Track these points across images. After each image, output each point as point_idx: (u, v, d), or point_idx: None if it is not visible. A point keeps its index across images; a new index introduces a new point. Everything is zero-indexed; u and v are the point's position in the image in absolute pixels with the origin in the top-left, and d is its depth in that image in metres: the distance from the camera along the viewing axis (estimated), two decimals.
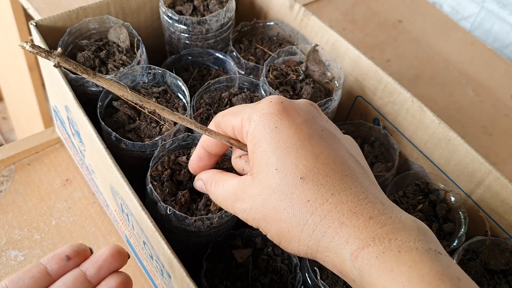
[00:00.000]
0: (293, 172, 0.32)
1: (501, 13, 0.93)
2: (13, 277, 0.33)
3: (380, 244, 0.28)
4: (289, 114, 0.34)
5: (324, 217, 0.31)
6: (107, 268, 0.35)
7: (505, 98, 0.84)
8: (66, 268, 0.34)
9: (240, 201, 0.35)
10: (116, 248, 0.35)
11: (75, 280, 0.33)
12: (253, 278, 0.47)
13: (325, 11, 0.95)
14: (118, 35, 0.59)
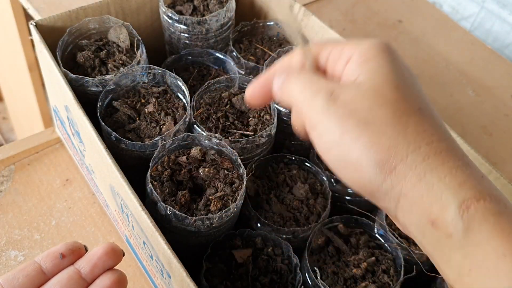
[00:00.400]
0: (413, 99, 0.29)
1: (501, 13, 0.93)
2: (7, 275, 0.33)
3: (497, 204, 0.26)
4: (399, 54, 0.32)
5: (439, 152, 0.27)
6: (102, 266, 0.34)
7: (505, 98, 0.84)
8: (60, 266, 0.34)
9: (331, 94, 0.29)
10: (111, 246, 0.35)
11: (70, 278, 0.33)
12: (253, 278, 0.47)
13: (325, 11, 0.95)
14: (118, 35, 0.59)
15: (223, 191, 0.47)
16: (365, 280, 0.47)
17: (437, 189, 0.26)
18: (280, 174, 0.54)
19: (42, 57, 0.55)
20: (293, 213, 0.51)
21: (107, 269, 0.35)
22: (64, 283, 0.33)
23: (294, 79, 0.32)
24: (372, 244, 0.51)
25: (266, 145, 0.54)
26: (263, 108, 0.55)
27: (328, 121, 0.29)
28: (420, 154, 0.27)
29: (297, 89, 0.31)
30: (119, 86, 0.54)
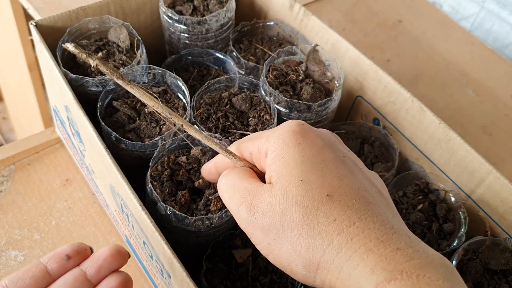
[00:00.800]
0: (319, 187, 0.30)
1: (501, 13, 0.93)
2: (13, 276, 0.33)
3: (408, 279, 0.26)
4: (311, 135, 0.33)
5: (351, 240, 0.28)
6: (107, 267, 0.34)
7: (505, 98, 0.84)
8: (66, 267, 0.34)
9: (250, 206, 0.32)
10: (116, 248, 0.35)
11: (75, 280, 0.33)
12: (253, 278, 0.47)
13: (325, 11, 0.95)
14: (118, 35, 0.59)
15: None
16: None
17: (354, 277, 0.28)
18: None
19: (42, 57, 0.55)
20: None
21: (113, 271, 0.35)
22: (69, 284, 0.33)
23: (224, 180, 0.36)
24: None
25: None
26: (263, 108, 0.55)
27: (254, 232, 0.32)
28: (334, 247, 0.29)
29: (225, 195, 0.35)
30: (119, 86, 0.54)
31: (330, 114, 0.57)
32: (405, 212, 0.52)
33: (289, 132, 0.33)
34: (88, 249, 0.36)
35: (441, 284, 0.27)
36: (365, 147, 0.59)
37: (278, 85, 0.56)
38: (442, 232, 0.51)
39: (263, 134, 0.35)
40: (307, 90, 0.55)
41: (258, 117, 0.54)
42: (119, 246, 0.35)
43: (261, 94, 0.56)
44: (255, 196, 0.32)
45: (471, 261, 0.49)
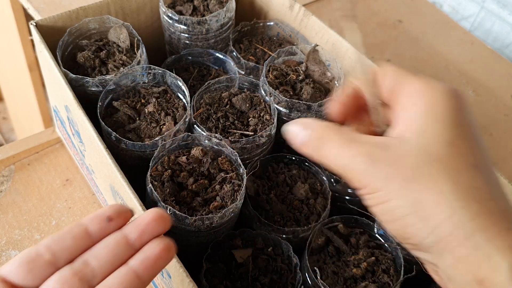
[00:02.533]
0: (467, 155, 0.29)
1: (501, 13, 0.93)
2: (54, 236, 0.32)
3: None
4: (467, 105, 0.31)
5: (490, 212, 0.27)
6: (150, 232, 0.33)
7: (505, 98, 0.84)
8: (107, 229, 0.33)
9: (370, 155, 0.29)
10: (159, 212, 0.33)
11: (117, 244, 0.32)
12: (253, 278, 0.47)
13: (325, 11, 0.95)
14: (118, 35, 0.59)
15: (223, 191, 0.47)
16: (365, 280, 0.47)
17: (486, 249, 0.26)
18: (280, 174, 0.54)
19: (42, 57, 0.56)
20: (293, 213, 0.51)
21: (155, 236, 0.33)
22: (111, 248, 0.32)
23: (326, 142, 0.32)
24: (372, 244, 0.51)
25: (266, 145, 0.54)
26: (263, 108, 0.55)
27: (370, 183, 0.29)
28: (468, 213, 0.27)
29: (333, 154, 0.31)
30: (119, 86, 0.54)
31: None
32: None
33: (451, 93, 0.31)
34: (129, 212, 0.34)
35: None
36: None
37: (278, 85, 0.56)
38: None
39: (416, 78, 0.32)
40: (307, 90, 0.55)
41: (258, 117, 0.54)
42: (162, 210, 0.34)
43: (261, 94, 0.56)
44: (378, 147, 0.30)
45: None
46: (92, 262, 0.31)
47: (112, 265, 0.32)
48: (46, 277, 0.31)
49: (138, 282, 0.31)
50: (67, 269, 0.31)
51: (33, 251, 0.31)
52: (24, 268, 0.30)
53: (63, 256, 0.31)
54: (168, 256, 0.33)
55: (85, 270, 0.31)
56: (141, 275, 0.31)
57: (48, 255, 0.31)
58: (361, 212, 0.54)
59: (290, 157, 0.56)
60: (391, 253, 0.50)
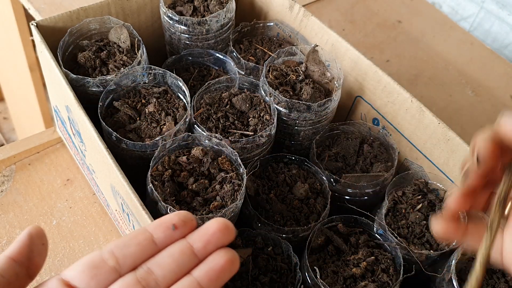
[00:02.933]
0: None
1: (500, 13, 0.93)
2: (119, 242, 0.31)
3: None
4: None
5: None
6: (215, 243, 0.32)
7: (504, 98, 0.84)
8: (172, 238, 0.32)
9: None
10: (225, 223, 0.32)
11: (182, 253, 0.31)
12: (253, 278, 0.47)
13: (325, 12, 0.95)
14: (119, 35, 0.59)
15: (223, 191, 0.47)
16: (365, 279, 0.48)
17: None
18: (280, 173, 0.55)
19: (43, 57, 0.56)
20: (293, 213, 0.52)
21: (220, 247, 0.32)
22: (176, 257, 0.31)
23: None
24: (371, 244, 0.51)
25: (266, 145, 0.54)
26: (263, 108, 0.55)
27: None
28: None
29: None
30: (120, 86, 0.55)
31: (329, 114, 0.57)
32: (404, 212, 0.53)
33: None
34: (194, 220, 0.33)
35: None
36: (365, 147, 0.59)
37: (278, 85, 0.56)
38: None
39: None
40: (307, 90, 0.55)
41: (258, 117, 0.54)
42: (227, 221, 0.33)
43: (261, 94, 0.56)
44: None
45: (470, 260, 0.49)
46: (156, 271, 0.31)
47: (176, 275, 0.31)
48: (109, 283, 0.30)
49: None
50: (130, 276, 0.30)
51: (97, 256, 0.31)
52: (88, 273, 0.30)
53: (127, 263, 0.31)
54: (232, 268, 0.32)
55: (149, 278, 0.30)
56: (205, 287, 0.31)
57: (112, 261, 0.30)
58: (360, 211, 0.54)
59: (290, 157, 0.56)
60: (390, 253, 0.50)
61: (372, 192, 0.55)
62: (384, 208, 0.52)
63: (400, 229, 0.51)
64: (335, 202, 0.55)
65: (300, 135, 0.58)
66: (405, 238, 0.51)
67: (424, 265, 0.50)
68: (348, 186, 0.54)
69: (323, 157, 0.57)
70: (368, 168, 0.57)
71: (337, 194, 0.55)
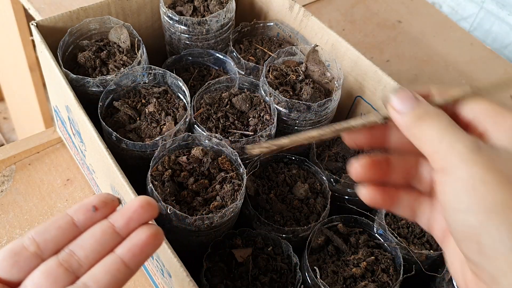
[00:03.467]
0: None
1: (500, 13, 0.93)
2: (39, 228, 0.31)
3: None
4: None
5: None
6: (137, 219, 0.32)
7: (504, 98, 0.84)
8: (93, 219, 0.32)
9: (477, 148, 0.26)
10: (146, 200, 0.33)
11: (104, 232, 0.32)
12: (253, 278, 0.47)
13: (325, 12, 0.95)
14: (119, 35, 0.59)
15: (223, 191, 0.47)
16: (365, 279, 0.48)
17: None
18: (280, 173, 0.55)
19: (43, 57, 0.56)
20: (293, 213, 0.52)
21: (142, 224, 0.32)
22: (98, 237, 0.31)
23: (430, 119, 0.29)
24: (371, 244, 0.51)
25: None
26: (263, 108, 0.55)
27: (466, 169, 0.26)
28: None
29: (433, 132, 0.28)
30: (120, 86, 0.55)
31: (329, 114, 0.57)
32: None
33: None
34: (116, 200, 0.33)
35: None
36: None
37: (278, 85, 0.56)
38: None
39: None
40: (307, 90, 0.55)
41: (258, 117, 0.54)
42: (149, 198, 0.33)
43: (261, 94, 0.56)
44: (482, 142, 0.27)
45: None
46: (78, 252, 0.31)
47: (98, 254, 0.31)
48: (31, 269, 0.30)
49: (126, 269, 0.31)
50: (52, 260, 0.31)
51: (17, 243, 0.31)
52: (8, 262, 0.30)
53: (49, 247, 0.31)
54: (155, 242, 0.32)
55: (71, 260, 0.31)
56: (129, 263, 0.31)
57: (33, 247, 0.31)
58: (360, 211, 0.54)
59: (290, 157, 0.56)
60: (390, 253, 0.50)
61: None
62: None
63: (400, 229, 0.51)
64: (335, 202, 0.55)
65: None
66: (405, 238, 0.51)
67: (424, 265, 0.50)
68: (348, 186, 0.54)
69: (323, 157, 0.57)
70: None
71: (337, 194, 0.55)
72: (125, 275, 0.31)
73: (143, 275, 0.57)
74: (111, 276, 0.31)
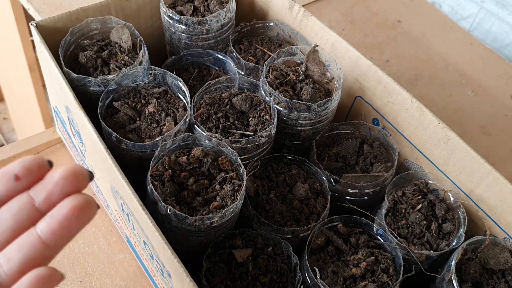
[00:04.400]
0: None
1: (500, 13, 0.93)
2: None
3: None
4: None
5: None
6: (59, 193, 0.28)
7: (504, 98, 0.84)
8: (16, 190, 0.28)
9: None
10: (72, 169, 0.28)
11: (21, 208, 0.28)
12: (253, 278, 0.47)
13: (325, 12, 0.95)
14: (120, 35, 0.59)
15: (223, 191, 0.47)
16: (365, 279, 0.48)
17: None
18: (280, 174, 0.55)
19: (43, 58, 0.56)
20: (293, 213, 0.52)
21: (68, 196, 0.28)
22: (14, 213, 0.28)
23: None
24: (371, 244, 0.51)
25: (266, 145, 0.54)
26: (263, 108, 0.55)
27: None
28: None
29: None
30: (121, 86, 0.55)
31: (329, 114, 0.57)
32: (404, 212, 0.53)
33: None
34: (44, 165, 0.29)
35: None
36: (365, 147, 0.59)
37: (278, 85, 0.56)
38: (441, 232, 0.51)
39: None
40: (307, 90, 0.55)
41: (258, 117, 0.54)
42: (78, 166, 0.29)
43: (261, 94, 0.56)
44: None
45: (470, 260, 0.49)
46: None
47: (14, 232, 0.28)
48: None
49: (43, 247, 0.28)
50: None
51: None
52: None
53: None
54: (81, 215, 0.29)
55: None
56: (47, 240, 0.28)
57: None
58: (360, 211, 0.54)
59: (290, 157, 0.56)
60: (390, 253, 0.50)
61: (372, 192, 0.55)
62: (384, 208, 0.52)
63: (400, 229, 0.51)
64: (335, 202, 0.55)
65: (300, 135, 0.58)
66: (405, 238, 0.51)
67: (424, 265, 0.50)
68: (348, 186, 0.54)
69: (323, 157, 0.57)
70: (368, 168, 0.57)
71: (337, 194, 0.55)
72: (42, 253, 0.28)
73: (143, 275, 0.57)
74: (23, 254, 0.27)
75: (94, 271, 0.57)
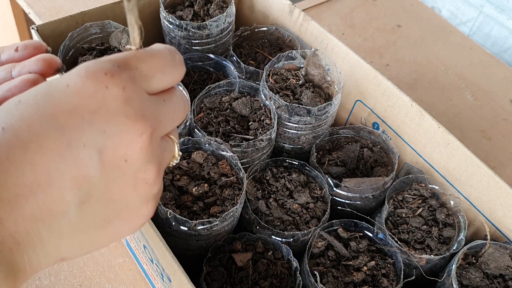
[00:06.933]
0: None
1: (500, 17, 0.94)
2: None
3: None
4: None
5: None
6: (28, 67, 0.33)
7: (504, 102, 0.84)
8: (12, 59, 0.34)
9: None
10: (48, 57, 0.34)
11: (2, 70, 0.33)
12: (253, 282, 0.47)
13: (325, 16, 0.96)
14: (120, 40, 0.59)
15: (223, 195, 0.47)
16: (365, 284, 0.48)
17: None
18: (280, 178, 0.55)
19: None
20: (293, 217, 0.51)
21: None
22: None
23: None
24: (372, 248, 0.51)
25: (266, 149, 0.54)
26: (264, 112, 0.55)
27: None
28: None
29: None
30: None
31: (330, 118, 0.57)
32: (404, 216, 0.52)
33: None
34: (40, 47, 0.35)
35: None
36: (365, 151, 0.59)
37: (278, 89, 0.56)
38: (441, 237, 0.51)
39: None
40: (307, 94, 0.55)
41: (259, 121, 0.54)
42: (53, 56, 0.34)
43: (261, 98, 0.56)
44: None
45: (471, 265, 0.49)
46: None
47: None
48: None
49: None
50: None
51: None
52: None
53: None
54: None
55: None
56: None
57: None
58: (360, 216, 0.54)
59: (290, 161, 0.56)
60: (391, 257, 0.50)
61: (372, 196, 0.55)
62: (385, 212, 0.52)
63: (400, 234, 0.51)
64: (335, 206, 0.55)
65: (300, 139, 0.58)
66: (405, 243, 0.51)
67: (425, 270, 0.50)
68: (348, 191, 0.54)
69: (323, 161, 0.57)
70: (368, 172, 0.57)
71: (337, 198, 0.55)
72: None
73: (143, 279, 0.57)
74: None
75: (94, 275, 0.57)
